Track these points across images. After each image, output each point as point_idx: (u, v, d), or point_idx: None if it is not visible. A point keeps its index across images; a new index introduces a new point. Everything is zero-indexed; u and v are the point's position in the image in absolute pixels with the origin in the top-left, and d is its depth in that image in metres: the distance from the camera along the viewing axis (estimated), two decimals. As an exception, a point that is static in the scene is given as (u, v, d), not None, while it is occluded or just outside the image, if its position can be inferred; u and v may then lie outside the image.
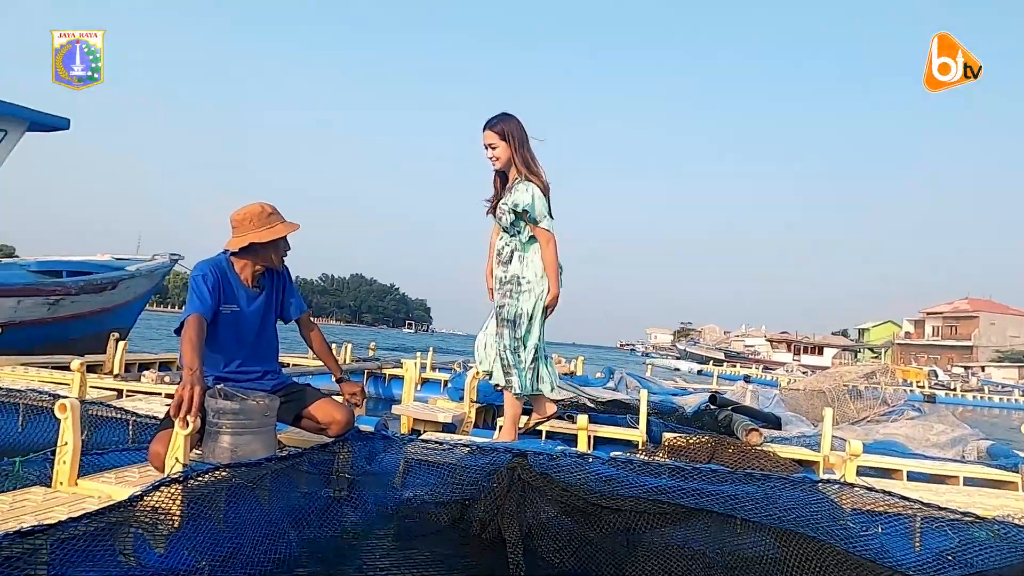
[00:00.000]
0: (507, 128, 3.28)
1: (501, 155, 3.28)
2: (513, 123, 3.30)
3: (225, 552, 2.05)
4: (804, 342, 55.34)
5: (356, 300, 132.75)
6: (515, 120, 3.32)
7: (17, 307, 7.05)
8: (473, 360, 3.84)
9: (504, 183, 3.39)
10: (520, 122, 3.33)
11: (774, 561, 2.26)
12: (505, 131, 3.27)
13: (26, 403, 3.48)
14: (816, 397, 7.56)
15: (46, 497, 2.05)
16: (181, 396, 2.17)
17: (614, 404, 5.44)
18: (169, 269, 9.63)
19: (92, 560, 1.73)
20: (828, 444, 3.70)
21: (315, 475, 2.59)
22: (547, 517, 2.49)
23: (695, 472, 2.55)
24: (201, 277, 2.62)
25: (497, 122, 3.29)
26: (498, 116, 3.32)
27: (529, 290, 3.34)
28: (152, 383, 4.89)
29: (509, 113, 3.35)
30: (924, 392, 14.95)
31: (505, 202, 3.31)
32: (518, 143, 3.28)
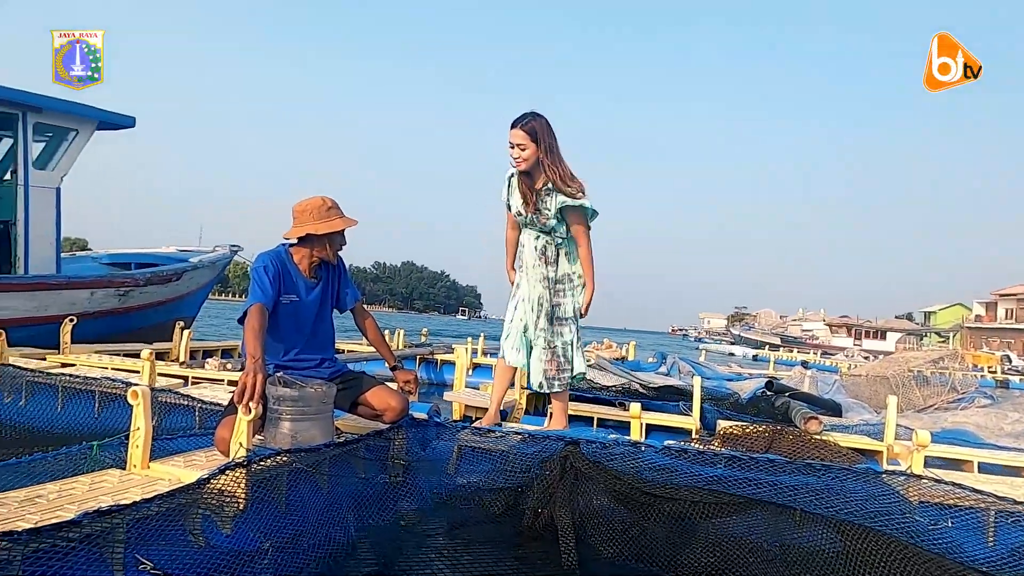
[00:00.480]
0: (538, 128, 3.15)
1: (529, 156, 3.15)
2: (543, 123, 3.18)
3: (288, 535, 2.12)
4: (866, 326, 53.42)
5: (407, 287, 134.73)
6: (544, 120, 3.20)
7: (91, 298, 7.42)
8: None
9: (528, 184, 3.26)
10: (549, 122, 3.22)
11: (836, 555, 2.19)
12: (536, 131, 3.15)
13: (101, 390, 3.68)
14: (879, 383, 7.29)
15: (121, 479, 2.16)
16: (244, 383, 2.25)
17: (667, 390, 5.38)
18: (230, 259, 9.95)
19: (164, 539, 1.81)
20: (892, 433, 3.56)
21: (371, 461, 2.65)
22: (599, 506, 2.48)
23: (752, 462, 2.49)
24: (263, 268, 2.70)
25: (528, 121, 3.16)
26: (528, 115, 3.19)
27: (580, 285, 3.44)
28: (216, 370, 5.08)
29: (538, 112, 3.23)
30: (996, 378, 14.22)
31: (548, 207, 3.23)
32: (547, 145, 3.17)
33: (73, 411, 3.70)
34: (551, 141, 3.20)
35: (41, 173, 7.14)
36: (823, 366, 12.98)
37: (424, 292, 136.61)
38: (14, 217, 6.99)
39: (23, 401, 3.85)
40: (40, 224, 7.15)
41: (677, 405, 4.46)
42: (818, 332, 55.18)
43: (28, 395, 3.86)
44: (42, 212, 7.16)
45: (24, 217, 6.99)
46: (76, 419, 3.65)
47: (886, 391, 6.54)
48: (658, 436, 3.94)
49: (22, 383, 3.89)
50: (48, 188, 7.22)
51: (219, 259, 9.60)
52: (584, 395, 4.86)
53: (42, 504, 1.86)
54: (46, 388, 3.87)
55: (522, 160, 3.17)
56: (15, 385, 3.90)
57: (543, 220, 3.28)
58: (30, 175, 6.99)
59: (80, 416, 3.66)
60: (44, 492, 1.96)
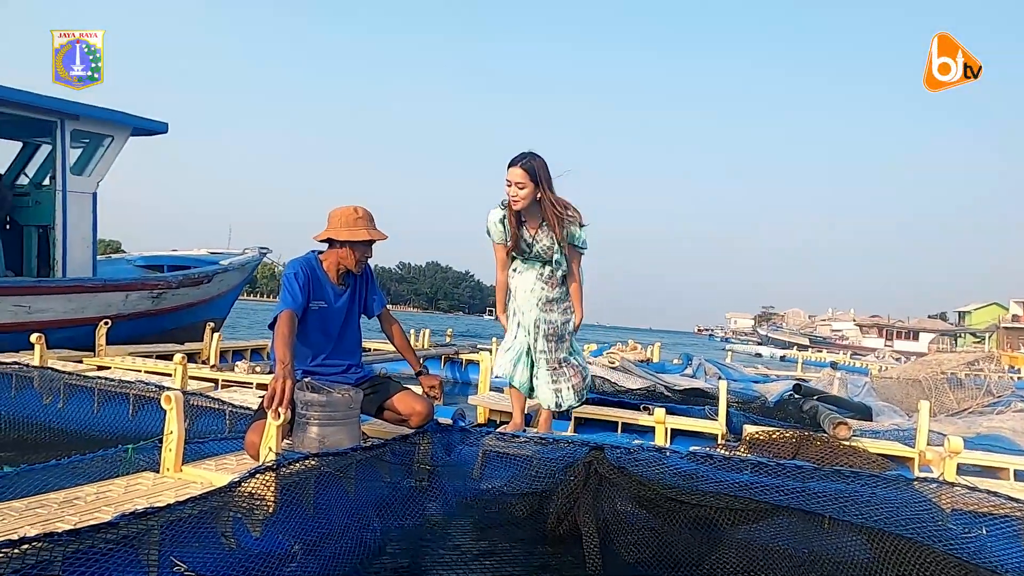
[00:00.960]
0: (537, 168, 3.19)
1: (526, 196, 3.18)
2: (540, 163, 3.21)
3: (316, 537, 2.16)
4: (897, 326, 52.29)
5: (432, 287, 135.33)
6: (542, 160, 3.24)
7: (125, 300, 7.61)
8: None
9: (519, 222, 3.31)
10: (545, 161, 3.26)
11: (867, 563, 2.16)
12: (536, 171, 3.18)
13: (136, 393, 3.77)
14: (911, 386, 7.13)
15: (155, 482, 2.22)
16: (273, 389, 2.29)
17: (692, 393, 5.34)
18: (259, 262, 10.12)
19: (197, 541, 1.86)
20: (925, 439, 3.49)
21: (397, 465, 2.68)
22: (624, 511, 2.48)
23: (779, 468, 2.47)
24: (293, 275, 2.75)
25: (527, 161, 3.19)
26: (526, 155, 3.23)
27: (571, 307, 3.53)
28: (245, 373, 5.17)
29: (535, 153, 3.27)
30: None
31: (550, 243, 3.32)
32: (547, 184, 3.21)
33: (109, 413, 3.80)
34: (549, 178, 3.25)
35: (78, 179, 7.33)
36: (853, 368, 12.74)
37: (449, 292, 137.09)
38: (53, 221, 7.20)
39: (61, 403, 3.97)
40: (77, 228, 7.35)
41: (703, 409, 4.42)
42: (848, 332, 54.15)
43: (66, 398, 3.98)
44: (79, 217, 7.35)
45: (62, 221, 7.19)
46: (111, 421, 3.75)
47: (918, 394, 6.40)
48: (684, 441, 3.91)
49: (60, 386, 4.01)
50: (85, 193, 7.41)
51: (248, 261, 9.77)
52: (609, 399, 4.85)
53: (80, 506, 1.92)
54: (83, 391, 3.98)
55: (519, 199, 3.19)
56: (54, 388, 4.02)
57: (550, 253, 3.33)
58: (68, 181, 7.19)
59: (115, 418, 3.76)
60: (82, 494, 2.03)
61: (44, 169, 7.66)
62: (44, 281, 6.99)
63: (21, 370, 4.16)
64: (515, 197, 3.19)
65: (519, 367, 3.43)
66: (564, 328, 3.44)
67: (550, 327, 3.40)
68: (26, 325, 6.23)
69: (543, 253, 3.35)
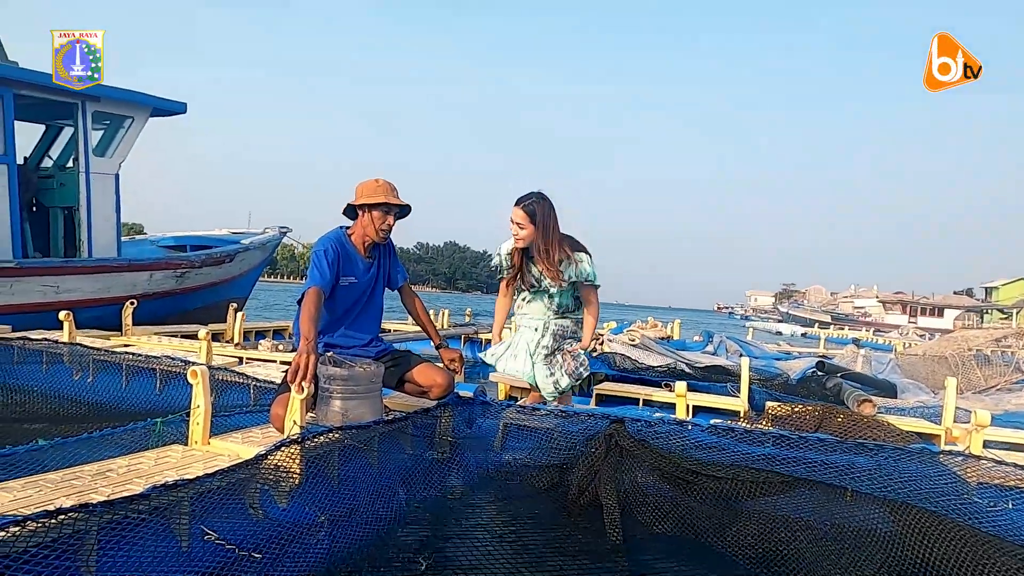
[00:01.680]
0: (539, 212, 3.25)
1: (526, 236, 3.28)
2: (545, 207, 3.27)
3: (342, 507, 2.19)
4: (922, 303, 51.42)
5: (450, 267, 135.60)
6: (547, 203, 3.29)
7: (150, 280, 7.73)
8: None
9: (523, 257, 3.40)
10: (552, 204, 3.32)
11: (890, 535, 2.15)
12: (536, 215, 3.25)
13: (162, 368, 3.84)
14: (937, 363, 7.02)
15: (184, 455, 2.26)
16: (297, 363, 2.32)
17: (713, 370, 5.32)
18: (279, 241, 10.20)
19: (226, 510, 1.90)
20: (951, 415, 3.45)
21: (419, 438, 2.71)
22: (645, 483, 2.49)
23: (801, 441, 2.45)
24: (323, 252, 2.78)
25: (530, 203, 3.26)
26: (532, 195, 3.29)
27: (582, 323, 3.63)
28: (268, 351, 5.25)
29: (543, 195, 3.31)
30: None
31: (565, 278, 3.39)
32: (546, 228, 3.27)
33: (137, 388, 3.88)
34: (551, 222, 3.30)
35: (100, 160, 7.42)
36: (877, 345, 12.56)
37: (467, 272, 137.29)
38: (77, 203, 7.31)
39: (91, 378, 4.06)
40: (101, 209, 7.45)
41: (724, 386, 4.41)
42: (871, 309, 53.35)
43: (95, 373, 4.07)
44: (103, 198, 7.45)
45: (87, 203, 7.29)
46: (140, 396, 3.83)
47: (944, 371, 6.31)
48: (705, 417, 3.90)
49: (89, 361, 4.09)
50: (107, 174, 7.50)
51: (269, 240, 9.85)
52: (629, 376, 4.85)
53: (113, 477, 1.97)
54: (112, 366, 4.07)
55: (520, 239, 3.30)
56: (83, 363, 4.11)
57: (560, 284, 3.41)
58: (90, 162, 7.28)
59: (143, 393, 3.84)
60: (114, 466, 2.08)
61: (67, 151, 7.76)
62: (71, 261, 7.12)
63: (51, 346, 4.26)
64: (516, 236, 3.31)
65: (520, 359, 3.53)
66: (574, 335, 3.55)
67: (560, 328, 3.53)
68: (54, 305, 6.36)
69: (550, 288, 3.44)
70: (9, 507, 1.66)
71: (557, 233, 3.33)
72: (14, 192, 6.54)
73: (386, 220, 2.89)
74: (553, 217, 3.33)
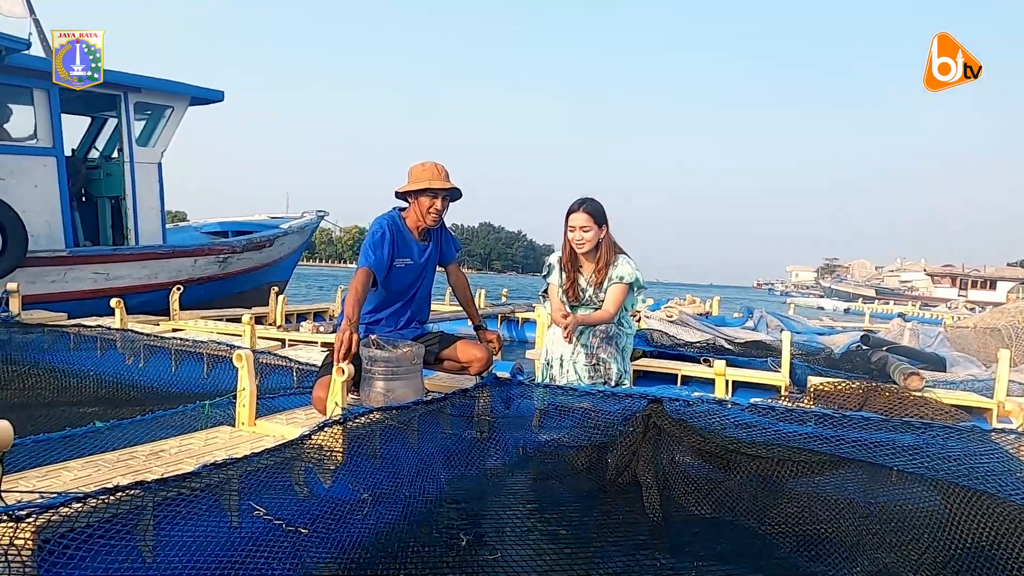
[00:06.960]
0: (602, 212, 3.18)
1: (592, 238, 3.16)
2: (600, 205, 3.20)
3: (383, 486, 2.24)
4: (973, 275, 49.58)
5: (486, 248, 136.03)
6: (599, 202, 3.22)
7: (195, 265, 7.95)
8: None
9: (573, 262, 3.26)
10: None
11: (937, 516, 2.11)
12: (600, 213, 3.16)
13: (209, 352, 3.97)
14: (989, 336, 6.79)
15: (231, 435, 2.34)
16: (339, 343, 2.37)
17: (753, 345, 5.23)
18: (317, 225, 10.37)
19: (273, 488, 1.96)
20: (1004, 388, 3.34)
21: (458, 418, 2.74)
22: (684, 463, 2.48)
23: (843, 420, 2.40)
24: (379, 235, 2.81)
25: (592, 206, 3.16)
26: (588, 200, 3.19)
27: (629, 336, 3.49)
28: (310, 332, 5.36)
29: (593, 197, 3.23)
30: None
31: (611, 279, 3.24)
32: (608, 226, 3.20)
33: (185, 372, 4.02)
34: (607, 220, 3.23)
35: (143, 150, 7.62)
36: (924, 319, 12.20)
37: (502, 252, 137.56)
38: (123, 192, 7.53)
39: (142, 363, 4.22)
40: (146, 198, 7.67)
41: (765, 361, 4.34)
42: (918, 283, 51.65)
43: (146, 357, 4.22)
44: (147, 186, 7.67)
45: (132, 192, 7.51)
46: (188, 379, 3.96)
47: (997, 343, 6.10)
48: (745, 393, 3.86)
49: (140, 347, 4.25)
50: (151, 163, 7.71)
51: (307, 224, 10.02)
52: (667, 351, 4.81)
53: (165, 457, 2.04)
54: (161, 351, 4.21)
55: (585, 242, 3.17)
56: (135, 348, 4.26)
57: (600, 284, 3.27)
58: (134, 152, 7.48)
59: (191, 376, 3.97)
60: (166, 447, 2.16)
61: (112, 142, 7.99)
62: (120, 249, 7.36)
63: (104, 333, 4.43)
64: (581, 241, 3.17)
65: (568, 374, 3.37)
66: (617, 337, 3.37)
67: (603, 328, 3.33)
68: (105, 291, 6.61)
69: (594, 299, 3.30)
70: (70, 485, 1.74)
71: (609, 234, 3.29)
72: (63, 184, 6.77)
73: (434, 204, 2.88)
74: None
